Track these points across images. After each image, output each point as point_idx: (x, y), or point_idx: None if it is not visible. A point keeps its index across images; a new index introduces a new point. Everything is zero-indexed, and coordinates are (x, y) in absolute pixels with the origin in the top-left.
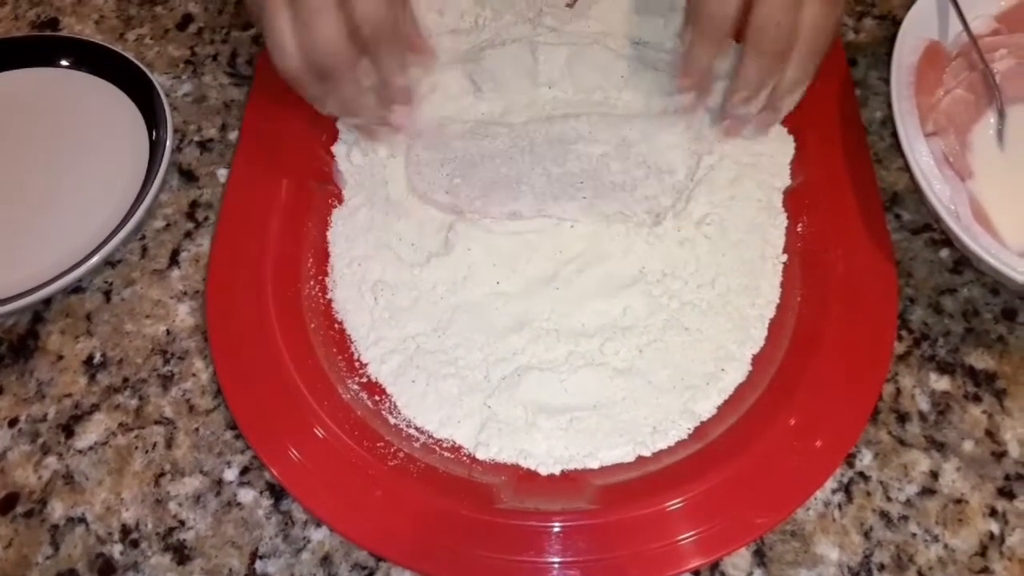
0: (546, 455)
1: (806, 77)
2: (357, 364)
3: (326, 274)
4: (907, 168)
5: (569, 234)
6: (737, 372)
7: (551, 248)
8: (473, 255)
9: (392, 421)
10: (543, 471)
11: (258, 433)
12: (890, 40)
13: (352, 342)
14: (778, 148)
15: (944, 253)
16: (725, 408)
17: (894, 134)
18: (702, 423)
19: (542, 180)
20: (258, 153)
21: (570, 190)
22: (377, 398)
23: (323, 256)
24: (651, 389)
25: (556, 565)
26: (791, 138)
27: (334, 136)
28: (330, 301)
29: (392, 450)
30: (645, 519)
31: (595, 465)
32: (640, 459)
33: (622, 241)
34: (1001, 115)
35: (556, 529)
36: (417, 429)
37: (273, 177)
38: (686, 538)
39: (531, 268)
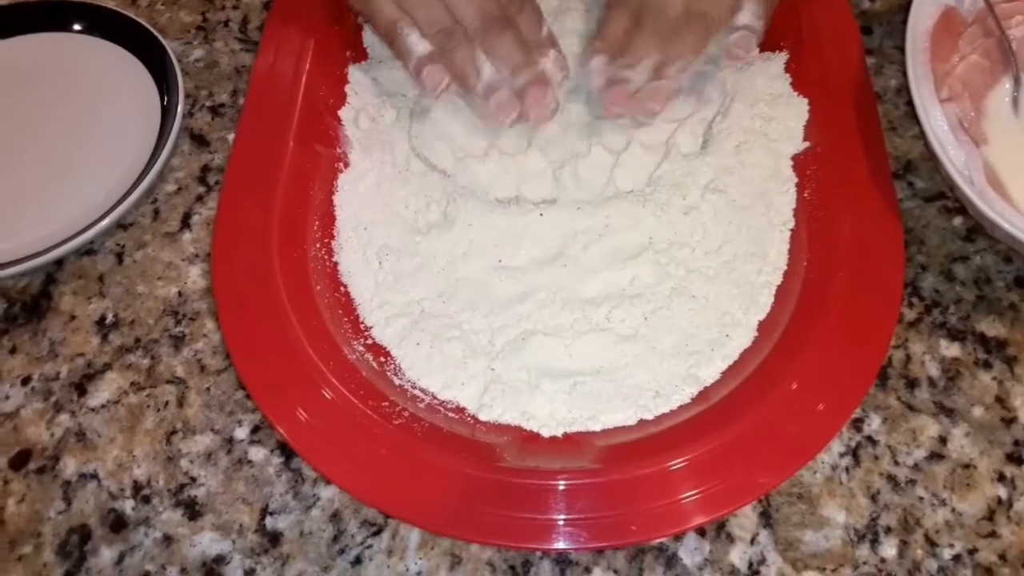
0: (549, 417)
1: (690, 55)
2: (362, 326)
3: (332, 237)
4: (922, 136)
5: (574, 213)
6: (742, 338)
7: (555, 227)
8: (474, 231)
9: (397, 382)
10: (545, 433)
11: (266, 394)
12: (906, 8)
13: (357, 305)
14: (790, 113)
15: (957, 221)
16: (729, 373)
17: (909, 102)
18: (705, 388)
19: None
20: (264, 116)
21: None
22: (382, 359)
23: (329, 220)
24: (655, 355)
25: (559, 522)
26: (804, 102)
27: (341, 100)
28: (336, 264)
29: (397, 410)
30: (647, 478)
31: (597, 428)
32: (642, 422)
33: (629, 216)
34: (1017, 82)
35: (559, 487)
36: (421, 390)
37: (279, 141)
38: (688, 497)
39: (535, 249)
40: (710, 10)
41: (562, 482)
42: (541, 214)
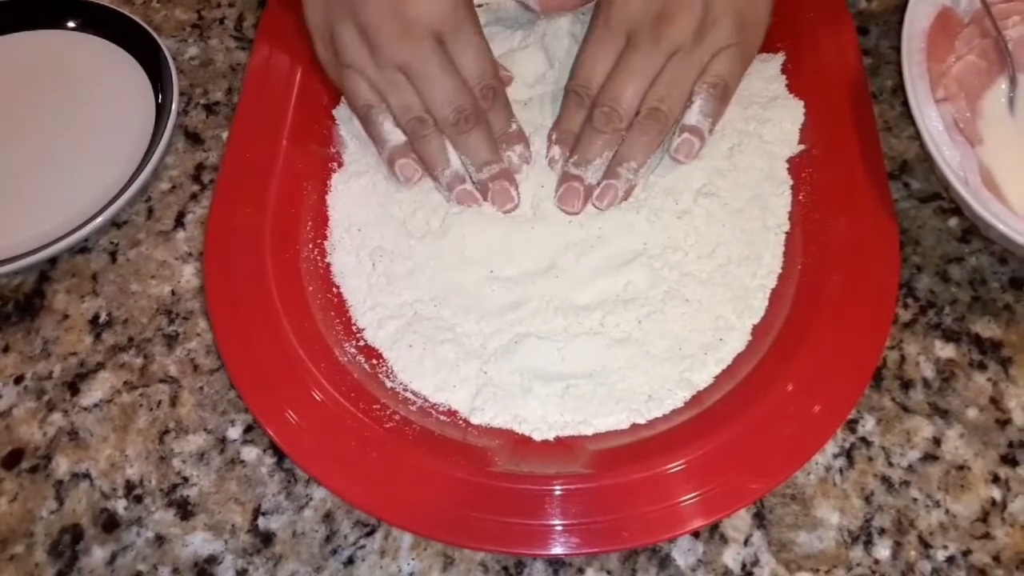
0: (541, 421)
1: (642, 155)
2: (354, 328)
3: (325, 238)
4: (917, 136)
5: (565, 227)
6: (736, 342)
7: (547, 240)
8: (467, 241)
9: (388, 385)
10: (537, 436)
11: (256, 395)
12: (902, 9)
13: (350, 306)
14: (785, 115)
15: (952, 222)
16: (722, 377)
17: (905, 103)
18: (698, 392)
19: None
20: (258, 115)
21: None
22: (374, 362)
23: (322, 220)
24: (648, 358)
25: (552, 528)
26: (800, 104)
27: (336, 99)
28: (328, 265)
29: (388, 413)
30: (640, 482)
31: (589, 432)
32: (635, 426)
33: (623, 223)
34: (1013, 82)
35: (552, 492)
36: (413, 393)
37: (273, 139)
38: (682, 501)
39: (527, 261)
40: (662, 107)
41: (555, 487)
42: (533, 227)
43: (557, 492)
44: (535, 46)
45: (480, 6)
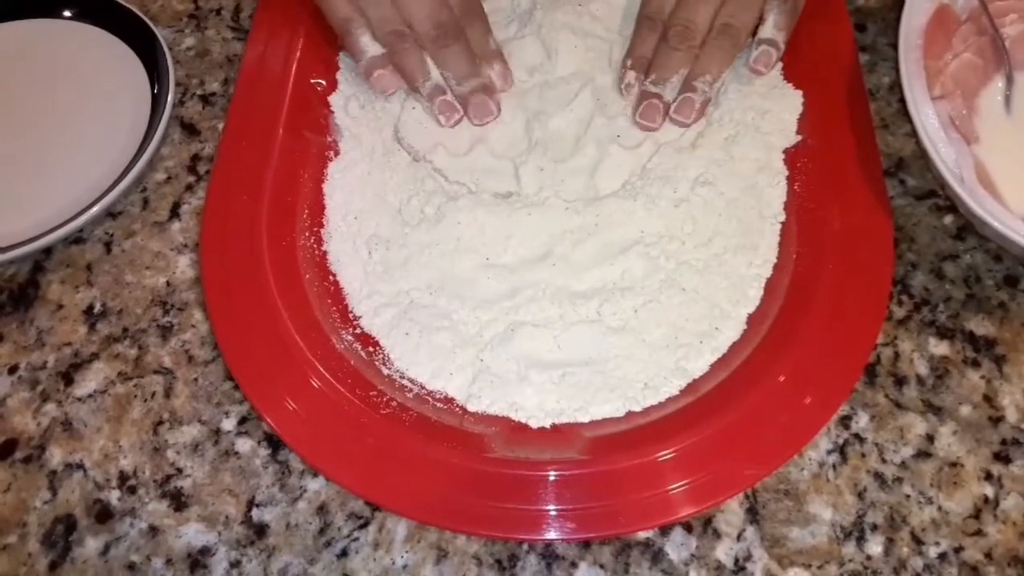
0: (537, 408)
1: (717, 68)
2: (351, 316)
3: (321, 226)
4: (913, 133)
5: (562, 213)
6: (732, 331)
7: (543, 227)
8: (462, 229)
9: (385, 372)
10: (533, 424)
11: (254, 383)
12: (899, 5)
13: (346, 294)
14: (784, 105)
15: (948, 219)
16: (717, 366)
17: (901, 99)
18: (694, 380)
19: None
20: (254, 104)
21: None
22: (371, 349)
23: (319, 208)
24: (644, 347)
25: (547, 513)
26: (799, 94)
27: (332, 87)
28: (325, 253)
29: (385, 399)
30: (635, 469)
31: (585, 419)
32: (630, 414)
33: (619, 211)
34: (1009, 80)
35: (547, 478)
36: (410, 380)
37: (269, 129)
38: (676, 487)
39: (523, 248)
40: (734, 22)
41: (550, 473)
42: (529, 214)
43: (552, 478)
44: (532, 36)
45: None
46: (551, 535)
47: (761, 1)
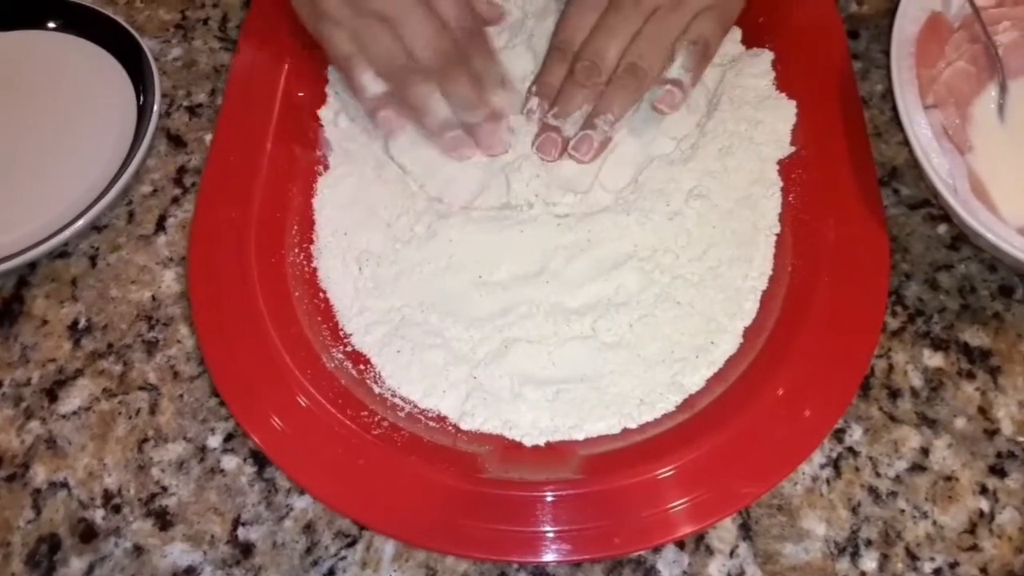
0: (531, 426)
1: (619, 108)
2: (341, 333)
3: (311, 242)
4: (906, 142)
5: (554, 229)
6: (728, 345)
7: (536, 243)
8: (454, 246)
9: (376, 390)
10: (528, 442)
11: (240, 401)
12: (892, 12)
13: (336, 311)
14: (777, 115)
15: (942, 229)
16: (714, 380)
17: (894, 108)
18: (690, 395)
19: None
20: (242, 117)
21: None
22: (362, 367)
23: (308, 224)
24: (639, 362)
25: (542, 534)
26: (792, 104)
27: (321, 100)
28: (315, 270)
29: (376, 419)
30: (630, 488)
31: (580, 436)
32: (626, 431)
33: (612, 226)
34: (1003, 89)
35: (542, 498)
36: (402, 399)
37: (257, 142)
38: (672, 507)
39: (516, 264)
40: (641, 63)
41: (545, 493)
42: (522, 231)
43: (548, 498)
44: (523, 46)
45: None
46: (547, 557)
47: (671, 42)
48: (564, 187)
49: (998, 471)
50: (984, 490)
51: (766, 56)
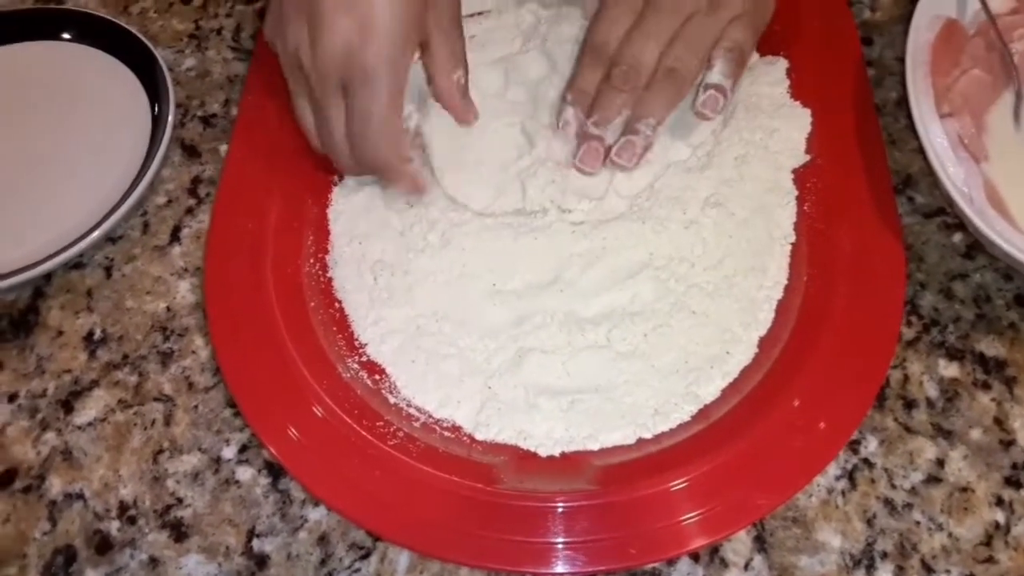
0: (546, 436)
1: (660, 112)
2: (357, 343)
3: (326, 252)
4: (921, 150)
5: (569, 236)
6: (743, 355)
7: (550, 251)
8: (467, 255)
9: (392, 401)
10: (543, 452)
11: (256, 412)
12: (907, 18)
13: (352, 321)
14: (792, 124)
15: (957, 238)
16: (729, 391)
17: (909, 115)
18: (705, 406)
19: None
20: (257, 128)
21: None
22: (377, 377)
23: (323, 234)
24: (654, 372)
25: (557, 545)
26: (807, 112)
27: None
28: (330, 280)
29: (392, 430)
30: (646, 500)
31: (595, 447)
32: (641, 441)
33: (628, 234)
34: (1019, 96)
35: (556, 509)
36: (417, 409)
37: (273, 153)
38: (687, 519)
39: (530, 273)
40: (680, 67)
41: (560, 504)
42: (536, 238)
43: (561, 509)
44: (537, 51)
45: (482, 13)
46: (561, 568)
47: (708, 47)
48: (579, 193)
49: (1014, 482)
50: (1000, 502)
51: (781, 64)
